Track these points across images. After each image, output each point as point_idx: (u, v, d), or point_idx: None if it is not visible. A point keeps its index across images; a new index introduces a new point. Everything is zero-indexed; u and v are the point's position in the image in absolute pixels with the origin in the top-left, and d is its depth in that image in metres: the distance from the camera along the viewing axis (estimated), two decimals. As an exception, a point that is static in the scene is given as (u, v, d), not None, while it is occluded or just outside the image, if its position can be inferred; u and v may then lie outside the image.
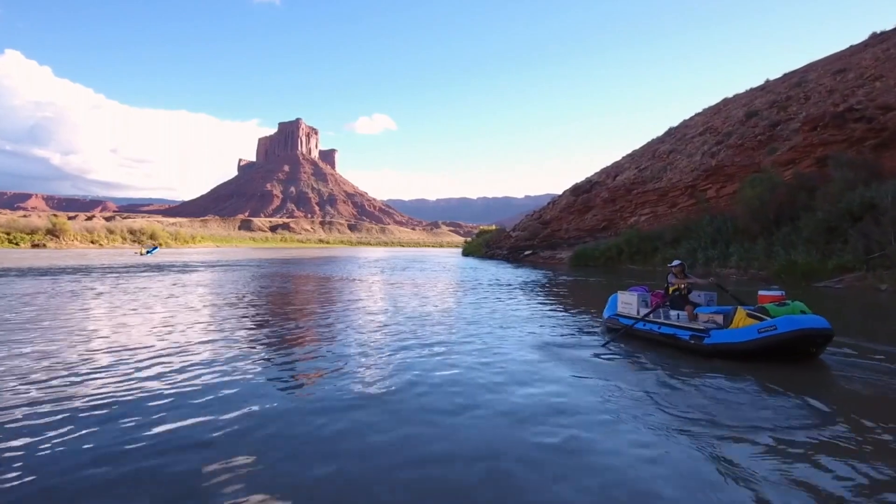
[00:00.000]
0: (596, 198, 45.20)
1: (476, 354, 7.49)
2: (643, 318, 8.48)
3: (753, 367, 6.54)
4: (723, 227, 28.53)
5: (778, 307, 6.93)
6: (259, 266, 36.20)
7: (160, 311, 11.95)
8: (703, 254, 28.43)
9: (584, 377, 6.27)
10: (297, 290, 19.22)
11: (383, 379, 6.09)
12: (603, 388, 5.81)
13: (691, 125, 44.74)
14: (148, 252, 60.50)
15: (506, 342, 8.47)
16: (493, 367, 6.69)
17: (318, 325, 10.26)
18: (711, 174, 31.37)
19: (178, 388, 5.60)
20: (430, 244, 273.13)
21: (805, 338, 6.64)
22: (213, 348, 7.73)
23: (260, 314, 11.93)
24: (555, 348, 7.99)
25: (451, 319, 11.15)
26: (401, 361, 6.99)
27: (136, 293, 16.14)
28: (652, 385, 5.93)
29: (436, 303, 14.75)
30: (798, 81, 34.89)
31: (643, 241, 33.50)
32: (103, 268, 30.35)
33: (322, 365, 6.80)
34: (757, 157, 29.78)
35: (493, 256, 62.08)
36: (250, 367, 6.58)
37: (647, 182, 38.04)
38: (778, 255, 23.18)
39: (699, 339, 7.34)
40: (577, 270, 34.74)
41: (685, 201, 32.97)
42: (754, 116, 33.81)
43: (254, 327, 9.91)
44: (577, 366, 6.86)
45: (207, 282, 21.64)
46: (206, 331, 9.33)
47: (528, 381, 6.02)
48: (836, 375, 6.39)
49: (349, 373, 6.37)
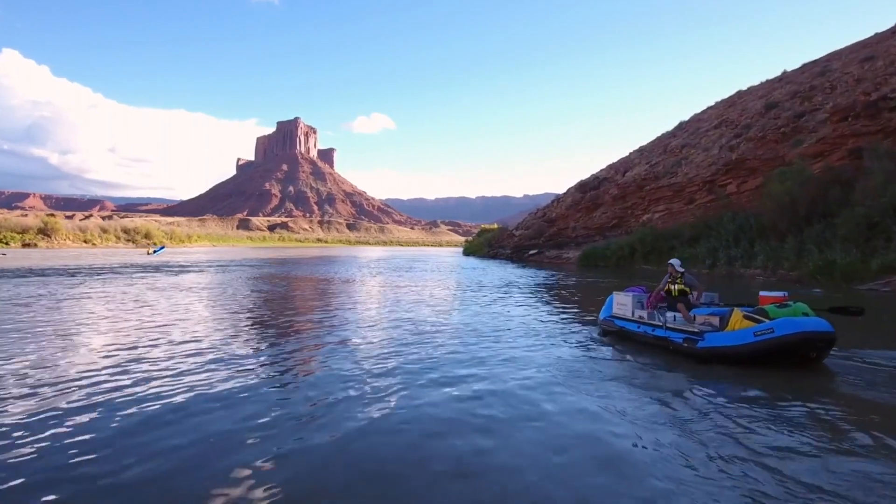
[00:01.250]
0: (604, 195, 43.39)
1: (483, 378, 6.36)
2: (649, 319, 8.07)
3: (750, 373, 6.19)
4: (746, 224, 26.69)
5: (778, 309, 6.58)
6: (254, 267, 34.38)
7: (142, 320, 10.70)
8: (724, 253, 26.62)
9: (588, 393, 5.67)
10: (292, 296, 17.41)
11: (388, 406, 5.26)
12: (589, 401, 5.38)
13: (704, 118, 42.93)
14: (155, 252, 60.73)
15: (517, 360, 7.34)
16: (505, 396, 5.62)
17: (315, 338, 8.99)
18: (732, 168, 29.56)
19: (166, 402, 5.27)
20: (430, 243, 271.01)
21: (804, 341, 6.22)
22: (202, 362, 7.01)
23: (251, 325, 10.46)
24: (568, 362, 7.18)
25: (458, 329, 9.87)
26: (405, 381, 6.16)
27: (109, 299, 14.35)
28: (640, 393, 5.61)
29: (441, 308, 13.04)
30: (821, 71, 33.12)
31: (658, 240, 31.68)
32: (94, 269, 28.52)
33: (319, 388, 5.91)
34: (781, 150, 27.99)
35: (496, 256, 60.30)
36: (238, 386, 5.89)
37: (660, 178, 36.22)
38: (811, 255, 21.38)
39: (693, 342, 6.98)
40: (586, 271, 33.03)
41: (703, 197, 31.16)
42: (775, 108, 32.02)
43: (243, 343, 8.56)
44: (585, 382, 6.12)
45: (197, 285, 19.81)
46: (191, 341, 8.46)
47: (535, 416, 5.02)
48: (840, 382, 5.97)
49: (349, 398, 5.52)
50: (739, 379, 6.10)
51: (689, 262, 28.98)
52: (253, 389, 5.70)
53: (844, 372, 6.46)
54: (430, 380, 6.11)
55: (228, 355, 7.36)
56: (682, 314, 7.63)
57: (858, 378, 6.18)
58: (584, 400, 5.39)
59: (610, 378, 6.31)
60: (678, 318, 7.67)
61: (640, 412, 4.97)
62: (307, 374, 6.50)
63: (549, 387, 5.84)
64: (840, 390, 5.80)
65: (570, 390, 5.73)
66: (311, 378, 6.25)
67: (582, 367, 6.85)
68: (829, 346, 6.49)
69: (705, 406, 5.19)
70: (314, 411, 4.98)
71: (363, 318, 11.42)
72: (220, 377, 6.16)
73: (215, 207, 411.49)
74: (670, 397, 5.50)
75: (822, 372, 6.48)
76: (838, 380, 6.16)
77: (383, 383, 5.98)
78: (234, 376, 6.22)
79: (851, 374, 6.37)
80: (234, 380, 6.06)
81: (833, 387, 5.94)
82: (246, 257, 54.39)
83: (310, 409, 5.04)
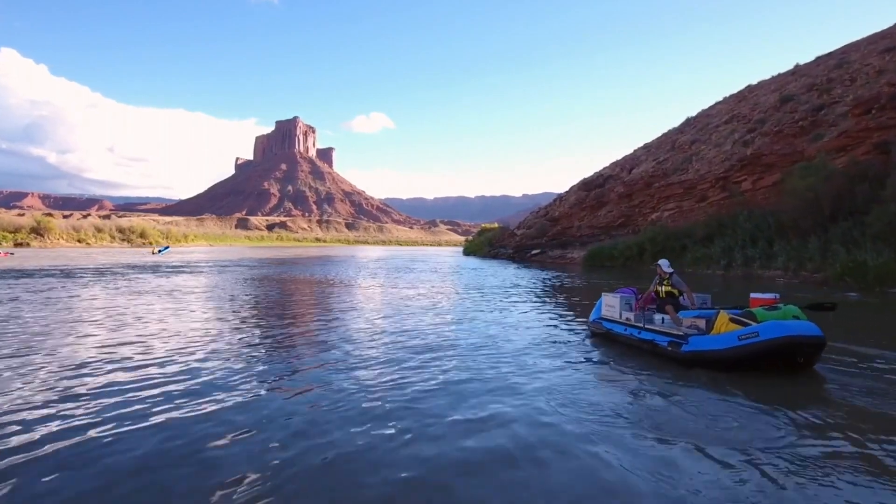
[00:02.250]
0: (610, 192, 42.00)
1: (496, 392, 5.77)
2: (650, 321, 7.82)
3: (736, 380, 5.95)
4: (763, 222, 25.31)
5: (767, 311, 6.38)
6: (249, 268, 32.95)
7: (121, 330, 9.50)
8: (741, 253, 25.25)
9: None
10: (283, 302, 15.98)
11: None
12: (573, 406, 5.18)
13: (713, 114, 41.53)
14: (160, 251, 60.78)
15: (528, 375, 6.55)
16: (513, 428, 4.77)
17: (306, 355, 7.80)
18: (747, 164, 28.16)
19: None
20: (429, 243, 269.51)
21: (790, 346, 5.94)
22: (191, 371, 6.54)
23: (240, 334, 9.22)
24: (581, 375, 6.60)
25: (459, 344, 8.68)
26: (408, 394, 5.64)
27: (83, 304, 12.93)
28: (621, 400, 5.42)
29: (443, 318, 11.63)
30: (838, 63, 31.73)
31: (669, 239, 30.27)
32: (85, 269, 27.08)
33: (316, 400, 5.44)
34: (799, 145, 26.62)
35: (497, 256, 58.95)
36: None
37: (669, 175, 34.82)
38: (837, 255, 20.00)
39: (677, 346, 6.77)
40: (592, 271, 31.67)
41: (716, 195, 29.76)
42: (790, 101, 30.65)
43: (232, 355, 7.52)
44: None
45: (181, 289, 18.38)
46: (168, 356, 7.50)
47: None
48: (829, 389, 5.76)
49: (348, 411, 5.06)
50: (720, 385, 5.83)
51: (702, 262, 27.67)
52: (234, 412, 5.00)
53: (835, 378, 6.11)
54: (432, 406, 5.26)
55: (209, 373, 6.43)
56: (670, 316, 7.43)
57: (851, 385, 5.83)
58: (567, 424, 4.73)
59: (585, 386, 5.96)
60: (667, 320, 7.48)
61: (611, 426, 4.63)
62: (297, 394, 5.64)
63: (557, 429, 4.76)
64: (823, 397, 5.53)
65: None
66: (301, 399, 5.45)
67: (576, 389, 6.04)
68: (818, 351, 6.16)
69: (681, 414, 4.95)
70: (304, 436, 4.38)
71: (358, 330, 10.02)
72: (200, 398, 5.46)
73: (214, 207, 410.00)
74: (641, 405, 5.26)
75: (811, 377, 6.18)
76: (825, 386, 5.86)
77: (382, 410, 5.09)
78: (216, 398, 5.44)
79: (845, 380, 6.02)
80: (216, 400, 5.36)
81: (817, 393, 5.67)
82: (241, 257, 52.98)
83: (299, 433, 4.45)
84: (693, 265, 28.06)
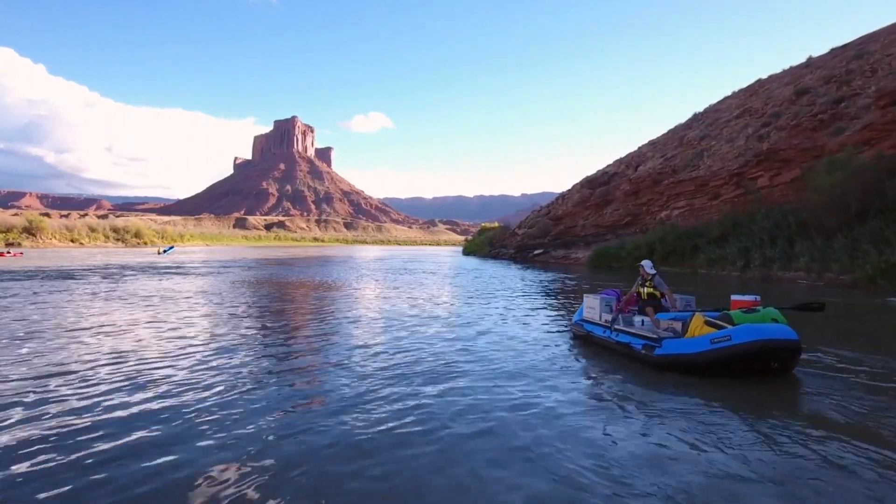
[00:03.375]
0: (615, 190, 40.54)
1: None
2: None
3: (705, 384, 5.79)
4: (783, 220, 23.82)
5: (745, 314, 6.28)
6: (244, 268, 31.44)
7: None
8: (759, 253, 23.76)
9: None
10: (277, 308, 14.47)
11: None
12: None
13: (723, 108, 40.08)
14: (165, 251, 61.37)
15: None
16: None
17: (303, 365, 7.26)
18: (763, 160, 26.68)
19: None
20: (427, 242, 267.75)
21: (763, 350, 5.74)
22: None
23: (225, 349, 8.12)
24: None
25: (462, 362, 7.64)
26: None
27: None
28: (584, 405, 5.31)
29: (448, 331, 10.18)
30: (856, 54, 30.28)
31: (680, 239, 28.78)
32: (93, 270, 25.57)
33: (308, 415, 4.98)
34: (819, 139, 25.16)
35: (498, 256, 57.53)
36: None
37: (678, 171, 33.35)
38: (868, 256, 18.56)
39: (651, 349, 6.62)
40: (598, 272, 30.26)
41: (730, 192, 28.28)
42: (807, 94, 29.20)
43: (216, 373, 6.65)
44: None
45: (168, 292, 16.88)
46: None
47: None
48: (800, 394, 5.59)
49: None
50: (685, 389, 5.73)
51: (716, 263, 26.20)
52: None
53: (812, 383, 5.97)
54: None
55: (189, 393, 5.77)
56: (650, 318, 7.35)
57: (826, 391, 5.66)
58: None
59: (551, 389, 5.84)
60: (647, 322, 7.38)
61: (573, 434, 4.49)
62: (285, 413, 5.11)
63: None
64: (791, 403, 5.39)
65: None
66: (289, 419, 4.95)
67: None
68: (794, 356, 6.00)
69: (643, 421, 4.81)
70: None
71: (355, 346, 8.60)
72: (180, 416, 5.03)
73: (212, 206, 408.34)
74: (607, 411, 5.13)
75: (788, 383, 6.00)
76: (797, 391, 5.74)
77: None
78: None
79: (823, 386, 5.83)
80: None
81: (786, 399, 5.52)
82: (235, 258, 51.54)
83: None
84: (707, 266, 26.59)
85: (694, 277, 25.94)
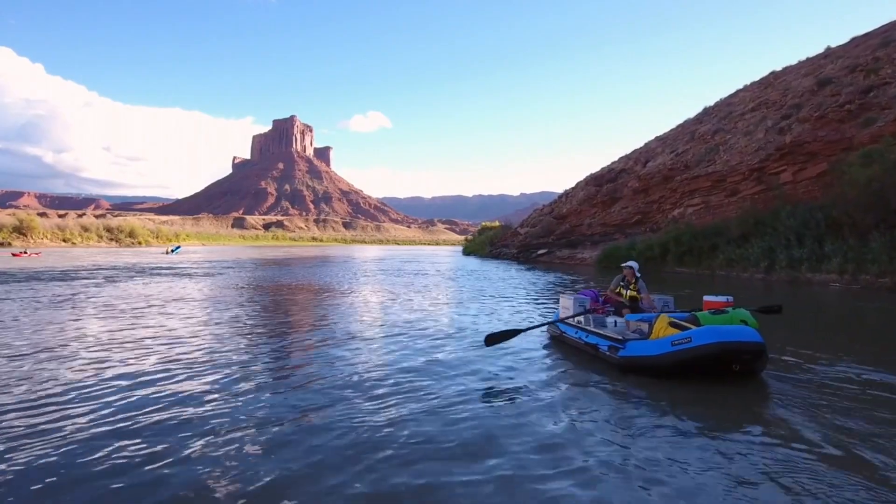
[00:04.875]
0: (623, 188, 38.87)
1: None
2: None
3: (663, 385, 5.69)
4: (810, 218, 22.13)
5: (712, 315, 6.19)
6: (238, 269, 29.73)
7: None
8: (785, 254, 22.07)
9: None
10: (267, 315, 12.75)
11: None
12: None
13: (735, 102, 38.38)
14: (173, 251, 61.38)
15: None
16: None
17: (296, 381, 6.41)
18: (786, 153, 24.98)
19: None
20: (426, 242, 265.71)
21: (724, 352, 5.54)
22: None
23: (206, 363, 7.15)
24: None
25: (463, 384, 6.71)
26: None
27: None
28: (530, 406, 5.20)
29: (453, 344, 8.63)
30: (882, 42, 28.62)
31: (696, 238, 27.07)
32: (107, 269, 23.82)
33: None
34: (848, 131, 23.51)
35: (500, 256, 55.83)
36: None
37: (692, 167, 31.66)
38: (912, 256, 16.93)
39: (615, 350, 6.45)
40: (607, 273, 28.58)
41: (749, 188, 26.58)
42: (830, 84, 27.53)
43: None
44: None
45: (150, 296, 15.17)
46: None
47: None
48: (758, 398, 5.42)
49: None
50: (641, 391, 5.61)
51: (737, 264, 24.52)
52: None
53: (779, 387, 5.73)
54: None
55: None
56: (623, 319, 7.32)
57: (790, 395, 5.43)
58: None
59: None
60: (619, 323, 7.29)
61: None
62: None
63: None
64: (752, 408, 5.15)
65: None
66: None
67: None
68: (757, 359, 5.75)
69: (592, 424, 4.70)
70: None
71: (350, 360, 7.29)
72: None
73: (211, 206, 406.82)
74: (556, 414, 4.96)
75: (749, 387, 5.72)
76: (757, 395, 5.53)
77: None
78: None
79: (787, 389, 5.63)
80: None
81: (745, 403, 5.27)
82: (230, 258, 49.87)
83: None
84: (726, 267, 24.90)
85: (712, 279, 24.26)
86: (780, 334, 8.89)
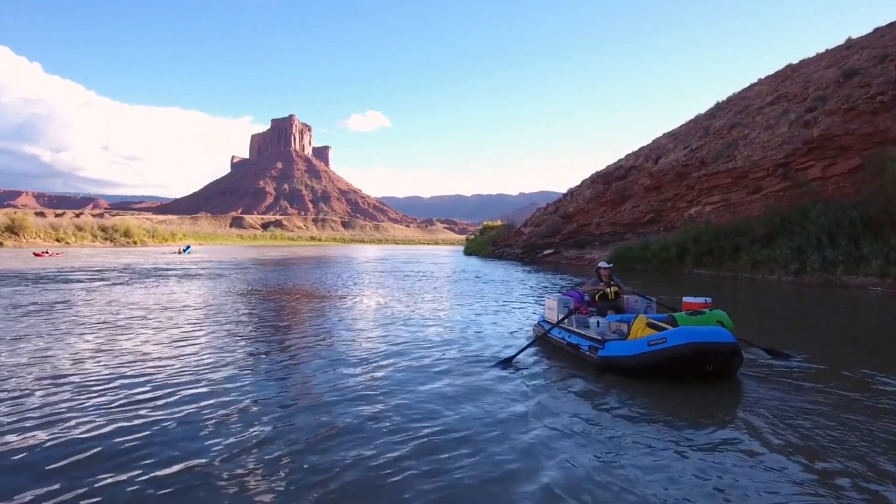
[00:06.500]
0: (634, 185, 37.28)
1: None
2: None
3: (636, 386, 5.85)
4: (843, 217, 20.59)
5: (689, 316, 6.32)
6: (234, 270, 28.18)
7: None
8: (817, 255, 20.52)
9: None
10: (259, 322, 11.19)
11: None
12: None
13: (751, 96, 36.74)
14: (184, 251, 62.47)
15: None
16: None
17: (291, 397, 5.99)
18: (814, 147, 23.41)
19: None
20: (425, 241, 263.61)
21: (697, 353, 5.61)
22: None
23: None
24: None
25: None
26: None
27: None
28: (507, 405, 5.31)
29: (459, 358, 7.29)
30: (911, 30, 27.12)
31: (717, 238, 25.50)
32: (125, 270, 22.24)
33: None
34: (882, 123, 22.00)
35: (503, 256, 54.26)
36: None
37: (709, 163, 30.08)
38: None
39: (595, 350, 6.61)
40: (619, 274, 26.92)
41: (774, 184, 25.01)
42: (857, 75, 25.97)
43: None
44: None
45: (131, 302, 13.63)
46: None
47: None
48: (732, 399, 5.51)
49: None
50: (616, 391, 5.78)
51: (763, 266, 22.91)
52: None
53: (755, 389, 5.78)
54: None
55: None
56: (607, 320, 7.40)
57: (764, 398, 5.48)
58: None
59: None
60: (602, 323, 7.27)
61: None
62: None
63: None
64: (726, 409, 5.24)
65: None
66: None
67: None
68: (731, 359, 5.84)
69: (565, 424, 4.79)
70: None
71: (351, 374, 6.63)
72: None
73: (210, 205, 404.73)
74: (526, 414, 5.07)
75: (725, 388, 5.84)
76: (731, 396, 5.64)
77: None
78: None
79: (763, 392, 5.68)
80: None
81: (720, 403, 5.41)
82: (226, 258, 48.32)
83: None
84: (751, 269, 23.32)
85: (735, 282, 22.70)
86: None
